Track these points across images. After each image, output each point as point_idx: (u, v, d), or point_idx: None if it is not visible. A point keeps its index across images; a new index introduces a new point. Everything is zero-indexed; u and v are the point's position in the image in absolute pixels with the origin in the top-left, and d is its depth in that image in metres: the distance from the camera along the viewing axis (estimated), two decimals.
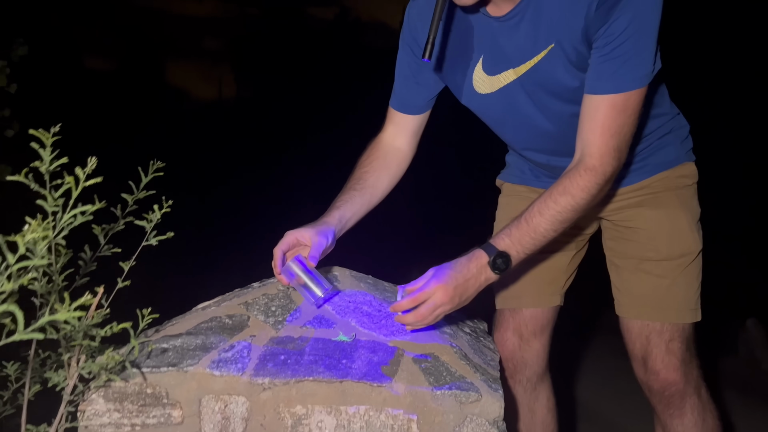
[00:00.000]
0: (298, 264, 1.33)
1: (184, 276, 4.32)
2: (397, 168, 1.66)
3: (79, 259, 1.33)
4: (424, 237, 6.30)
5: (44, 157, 0.98)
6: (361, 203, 1.55)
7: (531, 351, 1.79)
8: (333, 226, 1.44)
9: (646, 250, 1.62)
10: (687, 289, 1.62)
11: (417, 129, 1.68)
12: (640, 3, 1.25)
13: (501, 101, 1.52)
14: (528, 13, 1.36)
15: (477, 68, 1.51)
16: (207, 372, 1.16)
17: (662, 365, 1.60)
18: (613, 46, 1.28)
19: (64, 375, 1.13)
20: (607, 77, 1.31)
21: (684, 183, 1.63)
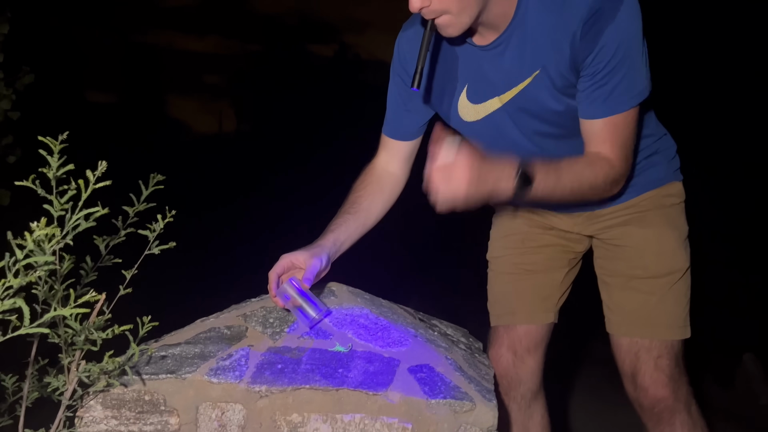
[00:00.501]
0: (293, 286, 1.35)
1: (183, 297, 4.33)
2: (391, 192, 1.70)
3: (81, 269, 1.35)
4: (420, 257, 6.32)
5: (52, 163, 1.01)
6: (356, 226, 1.58)
7: (525, 368, 1.81)
8: (327, 249, 1.47)
9: (635, 267, 1.65)
10: (675, 306, 1.64)
11: (409, 154, 1.72)
12: (624, 26, 1.30)
13: (487, 128, 1.57)
14: (513, 41, 1.40)
15: (462, 97, 1.55)
16: (205, 379, 1.18)
17: (651, 381, 1.62)
18: (604, 72, 1.33)
19: (63, 380, 1.14)
20: (602, 102, 1.36)
21: (671, 202, 1.67)
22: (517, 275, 1.81)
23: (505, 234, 1.84)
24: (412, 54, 1.57)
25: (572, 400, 3.29)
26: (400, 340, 1.33)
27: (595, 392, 3.37)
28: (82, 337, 1.08)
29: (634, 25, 1.32)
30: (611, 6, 1.29)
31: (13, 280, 0.81)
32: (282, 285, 1.37)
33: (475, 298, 2.60)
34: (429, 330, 1.46)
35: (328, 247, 1.48)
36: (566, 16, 1.32)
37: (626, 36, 1.31)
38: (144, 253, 1.29)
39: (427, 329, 1.46)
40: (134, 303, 1.32)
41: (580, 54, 1.33)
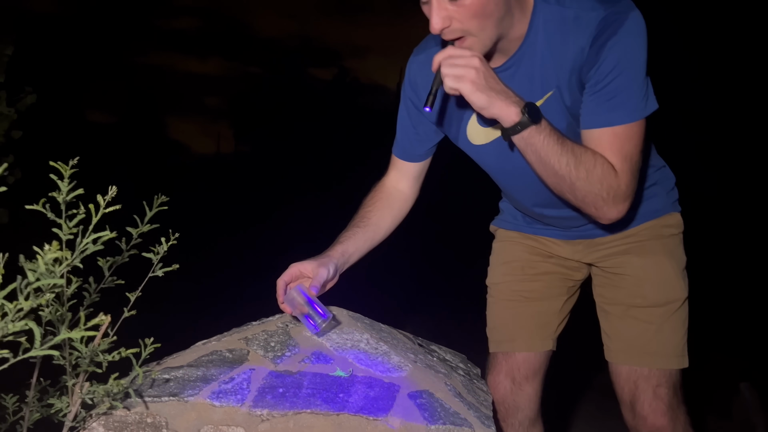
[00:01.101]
0: (299, 293, 1.39)
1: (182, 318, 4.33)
2: (400, 209, 1.73)
3: (84, 290, 1.36)
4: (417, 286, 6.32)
5: (62, 188, 1.03)
6: (364, 240, 1.61)
7: (523, 395, 1.81)
8: (335, 260, 1.51)
9: (634, 296, 1.67)
10: (673, 335, 1.66)
11: (419, 174, 1.75)
12: (626, 41, 1.32)
13: (496, 152, 1.59)
14: (523, 64, 1.43)
15: (471, 120, 1.58)
16: (207, 402, 1.19)
17: (650, 410, 1.63)
18: (604, 83, 1.35)
19: (66, 401, 1.15)
20: (603, 111, 1.36)
21: (670, 232, 1.70)
22: (516, 302, 1.83)
23: (505, 261, 1.86)
24: (422, 78, 1.61)
25: (570, 428, 3.28)
26: (400, 365, 1.34)
27: (592, 420, 3.38)
28: (87, 360, 1.09)
29: (637, 41, 1.34)
30: (617, 20, 1.32)
31: (24, 302, 0.83)
32: (289, 292, 1.41)
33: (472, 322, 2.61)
34: (428, 355, 1.48)
35: (336, 258, 1.52)
36: (577, 36, 1.36)
37: (628, 50, 1.33)
38: (148, 276, 1.30)
39: (426, 354, 1.47)
40: (133, 324, 1.33)
41: (585, 67, 1.36)
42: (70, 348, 1.10)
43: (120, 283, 1.39)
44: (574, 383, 3.73)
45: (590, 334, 1.95)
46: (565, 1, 1.38)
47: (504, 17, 1.34)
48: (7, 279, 0.84)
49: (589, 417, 3.42)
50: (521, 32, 1.40)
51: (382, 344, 1.41)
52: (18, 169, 3.76)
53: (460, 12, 1.29)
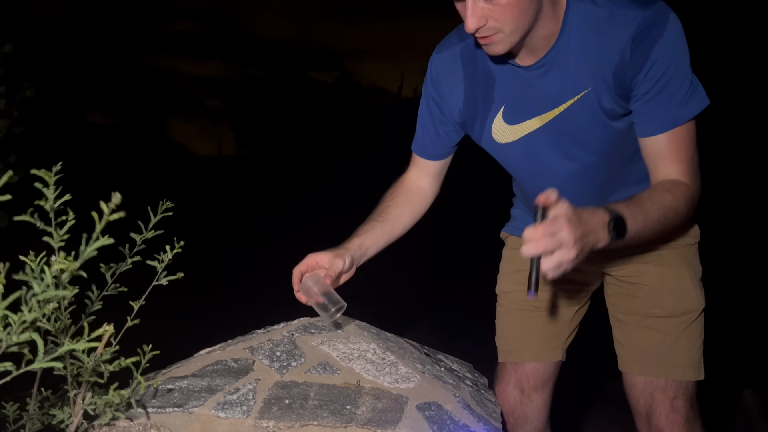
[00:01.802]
0: (314, 283, 1.41)
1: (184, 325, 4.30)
2: (420, 206, 1.72)
3: (86, 297, 1.34)
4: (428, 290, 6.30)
5: (48, 196, 1.01)
6: (382, 234, 1.61)
7: (532, 405, 1.79)
8: (352, 252, 1.51)
9: (651, 306, 1.64)
10: (690, 347, 1.63)
11: (439, 172, 1.74)
12: (673, 41, 1.32)
13: (521, 150, 1.57)
14: (557, 62, 1.41)
15: (497, 118, 1.56)
16: (212, 414, 1.17)
17: (666, 422, 1.60)
18: (658, 87, 1.34)
19: (68, 412, 1.12)
20: (660, 116, 1.36)
21: (687, 242, 1.67)
22: (525, 312, 1.80)
23: (515, 269, 1.84)
24: (445, 77, 1.60)
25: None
26: (407, 376, 1.32)
27: (602, 430, 3.34)
28: (90, 370, 1.07)
29: (681, 39, 1.34)
30: (659, 22, 1.31)
31: (28, 314, 0.81)
32: (304, 281, 1.44)
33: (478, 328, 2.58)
34: (435, 365, 1.45)
35: (352, 250, 1.52)
36: (614, 36, 1.34)
37: (676, 51, 1.33)
38: (152, 284, 1.28)
39: (433, 365, 1.45)
40: (135, 332, 1.30)
41: (629, 71, 1.35)
42: (72, 358, 1.07)
43: (123, 290, 1.36)
44: (584, 394, 3.71)
45: (601, 344, 1.93)
46: (599, 0, 1.36)
47: (538, 14, 1.33)
48: None
49: (597, 427, 3.39)
50: (553, 30, 1.38)
51: (389, 354, 1.39)
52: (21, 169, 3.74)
53: (495, 11, 1.28)
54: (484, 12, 1.28)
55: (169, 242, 1.33)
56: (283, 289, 1.57)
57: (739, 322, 5.16)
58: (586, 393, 3.76)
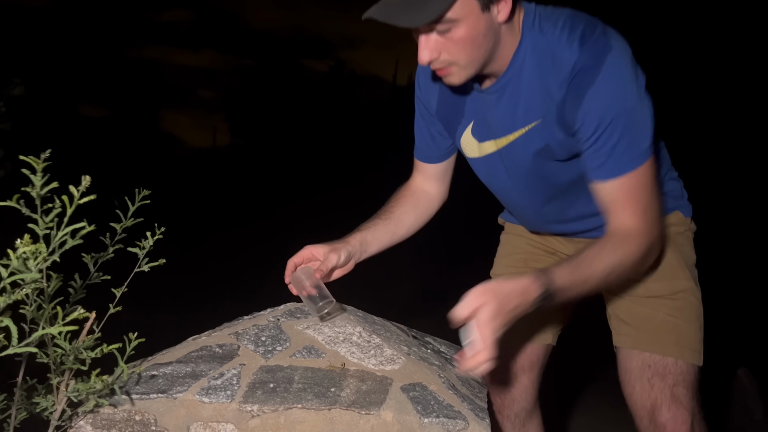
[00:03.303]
0: (305, 275, 1.40)
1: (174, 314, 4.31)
2: (426, 208, 1.71)
3: (69, 287, 1.34)
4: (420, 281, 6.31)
5: (35, 182, 1.00)
6: (385, 232, 1.60)
7: (519, 386, 1.80)
8: (350, 247, 1.50)
9: (636, 287, 1.62)
10: (686, 326, 1.57)
11: (442, 174, 1.72)
12: (607, 88, 1.25)
13: (485, 167, 1.58)
14: (508, 90, 1.38)
15: (467, 132, 1.55)
16: (196, 399, 1.17)
17: (669, 416, 1.50)
18: (595, 136, 1.28)
19: (52, 400, 1.12)
20: (602, 164, 1.30)
21: (676, 230, 1.63)
22: None
23: (509, 252, 1.84)
24: (425, 81, 1.59)
25: (570, 420, 3.27)
26: (392, 358, 1.32)
27: (594, 411, 3.36)
28: (71, 357, 1.07)
29: (620, 82, 1.26)
30: (591, 67, 1.25)
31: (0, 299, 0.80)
32: (296, 272, 1.43)
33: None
34: (422, 347, 1.45)
35: (351, 245, 1.51)
36: (555, 72, 1.30)
37: (611, 98, 1.26)
38: (134, 271, 1.27)
39: (420, 347, 1.45)
40: (123, 320, 1.30)
41: (568, 116, 1.31)
42: (54, 345, 1.07)
43: (106, 278, 1.36)
44: (573, 374, 3.72)
45: (594, 329, 1.93)
46: (545, 29, 1.32)
47: (494, 46, 1.30)
48: None
49: (589, 408, 3.41)
50: (509, 56, 1.35)
51: (375, 337, 1.39)
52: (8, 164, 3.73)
53: (448, 45, 1.25)
54: (437, 45, 1.25)
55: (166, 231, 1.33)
56: (274, 277, 1.57)
57: (733, 301, 5.18)
58: (578, 374, 3.78)
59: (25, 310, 1.06)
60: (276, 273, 1.51)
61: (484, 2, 1.22)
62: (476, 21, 1.23)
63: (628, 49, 1.28)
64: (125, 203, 1.32)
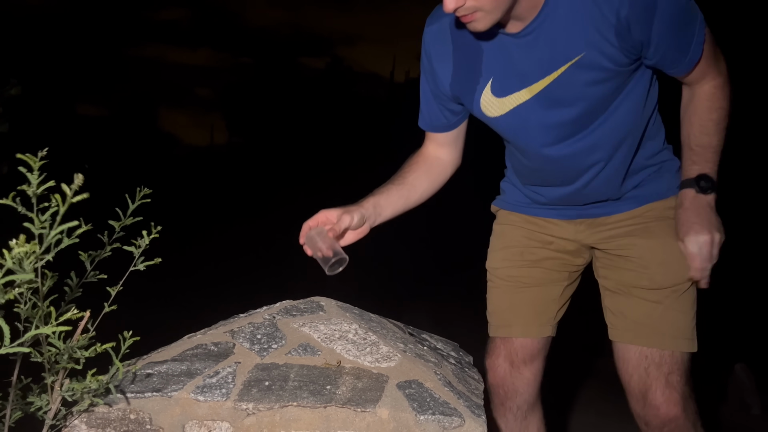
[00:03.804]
0: (318, 235, 1.45)
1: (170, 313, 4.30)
2: (439, 174, 1.72)
3: (65, 285, 1.33)
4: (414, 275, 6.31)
5: (32, 180, 1.00)
6: (398, 196, 1.62)
7: (521, 378, 1.80)
8: (364, 209, 1.53)
9: (640, 278, 1.64)
10: (683, 317, 1.61)
11: (454, 140, 1.73)
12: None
13: (511, 122, 1.57)
14: (545, 29, 1.39)
15: (485, 91, 1.55)
16: (191, 397, 1.16)
17: (663, 399, 1.57)
18: (676, 37, 1.41)
19: (46, 399, 1.12)
20: (689, 55, 1.45)
21: (674, 214, 1.65)
22: (513, 288, 1.80)
23: (505, 245, 1.83)
24: (436, 50, 1.59)
25: (570, 413, 3.28)
26: (388, 355, 1.31)
27: (593, 404, 3.37)
28: (66, 356, 1.06)
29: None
30: None
31: None
32: (309, 232, 1.48)
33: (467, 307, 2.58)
34: (418, 344, 1.45)
35: (365, 208, 1.54)
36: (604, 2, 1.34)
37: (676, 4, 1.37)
38: (129, 270, 1.27)
39: (416, 344, 1.45)
40: (120, 320, 1.30)
41: (635, 36, 1.36)
42: (48, 344, 1.07)
43: (102, 277, 1.35)
44: (573, 368, 3.73)
45: (593, 320, 1.93)
46: None
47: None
48: None
49: (589, 401, 3.42)
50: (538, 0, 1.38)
51: (371, 334, 1.39)
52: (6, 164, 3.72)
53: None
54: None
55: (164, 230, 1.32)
56: (270, 275, 1.57)
57: (731, 296, 5.19)
58: (578, 367, 3.79)
59: (19, 308, 1.06)
60: (274, 271, 1.52)
61: None
62: None
63: None
64: (125, 201, 1.32)
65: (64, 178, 1.06)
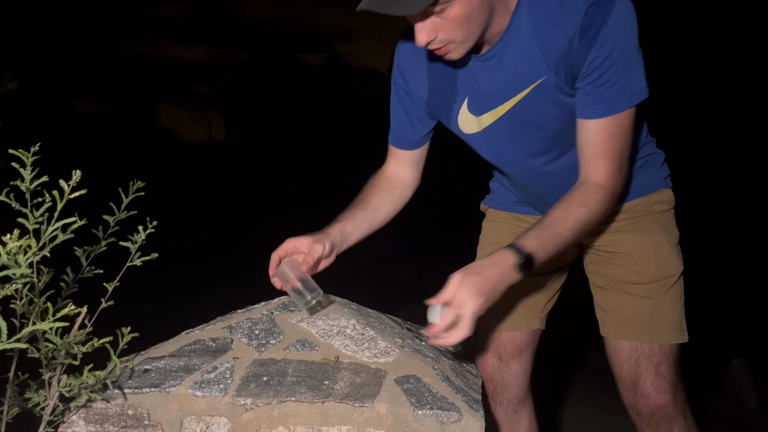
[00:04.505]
0: (290, 268, 1.37)
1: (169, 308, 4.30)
2: (401, 195, 1.70)
3: (61, 281, 1.33)
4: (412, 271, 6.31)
5: (25, 176, 0.99)
6: (363, 221, 1.59)
7: (510, 373, 1.81)
8: (332, 238, 1.49)
9: (630, 274, 1.66)
10: (672, 310, 1.65)
11: (417, 161, 1.72)
12: (617, 26, 1.30)
13: (485, 140, 1.58)
14: (508, 52, 1.40)
15: (463, 109, 1.55)
16: (189, 393, 1.16)
17: (653, 388, 1.62)
18: (600, 72, 1.33)
19: (44, 395, 1.12)
20: (600, 101, 1.35)
21: (662, 208, 1.68)
22: None
23: (493, 241, 1.84)
24: (410, 67, 1.59)
25: (561, 407, 3.29)
26: (386, 350, 1.31)
27: (585, 399, 3.38)
28: (63, 352, 1.06)
29: (627, 25, 1.32)
30: (603, 8, 1.30)
31: None
32: (281, 266, 1.39)
33: None
34: (417, 339, 1.45)
35: (333, 236, 1.50)
36: (562, 24, 1.33)
37: (620, 36, 1.31)
38: (126, 266, 1.27)
39: (414, 339, 1.45)
40: (118, 315, 1.30)
41: (578, 57, 1.34)
42: (45, 340, 1.07)
43: (98, 273, 1.35)
44: (564, 361, 3.74)
45: (583, 313, 1.94)
46: None
47: (489, 17, 1.32)
48: None
49: (580, 395, 3.42)
50: (507, 20, 1.37)
51: (369, 330, 1.39)
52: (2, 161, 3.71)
53: (443, 24, 1.26)
54: (434, 26, 1.27)
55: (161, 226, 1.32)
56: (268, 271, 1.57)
57: (729, 292, 5.20)
58: (569, 361, 3.80)
59: (15, 305, 1.06)
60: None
61: None
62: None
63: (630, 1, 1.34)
64: (119, 196, 1.31)
65: (61, 174, 1.05)
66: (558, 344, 2.16)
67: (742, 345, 4.20)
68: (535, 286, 1.81)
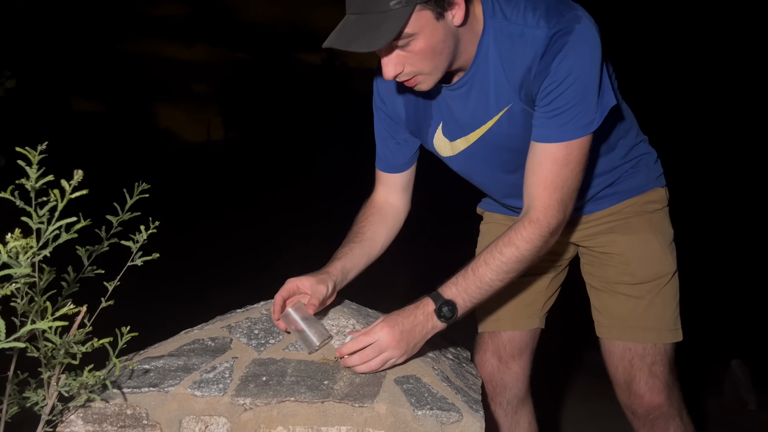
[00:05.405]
0: (296, 311, 1.32)
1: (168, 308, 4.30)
2: (394, 222, 1.68)
3: (62, 280, 1.33)
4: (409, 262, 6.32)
5: (31, 174, 0.99)
6: (361, 255, 1.56)
7: (510, 373, 1.81)
8: (334, 277, 1.45)
9: (622, 274, 1.67)
10: (665, 310, 1.65)
11: (406, 185, 1.70)
12: (572, 57, 1.28)
13: (461, 163, 1.59)
14: (476, 81, 1.40)
15: (438, 133, 1.56)
16: (188, 393, 1.16)
17: (647, 388, 1.62)
18: (552, 96, 1.32)
19: (43, 394, 1.12)
20: (549, 126, 1.33)
21: (654, 207, 1.68)
22: None
23: (491, 242, 1.84)
24: (387, 90, 1.59)
25: (561, 407, 3.29)
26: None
27: (584, 399, 3.38)
28: (62, 351, 1.06)
29: (584, 55, 1.30)
30: (560, 38, 1.29)
31: None
32: (286, 309, 1.34)
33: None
34: None
35: (335, 275, 1.46)
36: (522, 53, 1.33)
37: (574, 67, 1.29)
38: (126, 265, 1.26)
39: None
40: (117, 315, 1.29)
41: (534, 84, 1.33)
42: (45, 340, 1.06)
43: (100, 272, 1.35)
44: (563, 362, 3.74)
45: (581, 313, 1.94)
46: (511, 17, 1.34)
47: (456, 47, 1.32)
48: None
49: (580, 396, 3.43)
50: (474, 50, 1.38)
51: None
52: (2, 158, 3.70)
53: (409, 57, 1.27)
54: (400, 59, 1.27)
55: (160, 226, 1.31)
56: (267, 272, 1.56)
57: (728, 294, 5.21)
58: (568, 361, 3.80)
59: (16, 303, 1.06)
60: (270, 268, 1.50)
61: (437, 12, 1.24)
62: (433, 30, 1.25)
63: (594, 25, 1.32)
64: (122, 196, 1.31)
65: (60, 173, 1.05)
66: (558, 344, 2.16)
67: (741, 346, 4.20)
68: (535, 286, 1.81)
